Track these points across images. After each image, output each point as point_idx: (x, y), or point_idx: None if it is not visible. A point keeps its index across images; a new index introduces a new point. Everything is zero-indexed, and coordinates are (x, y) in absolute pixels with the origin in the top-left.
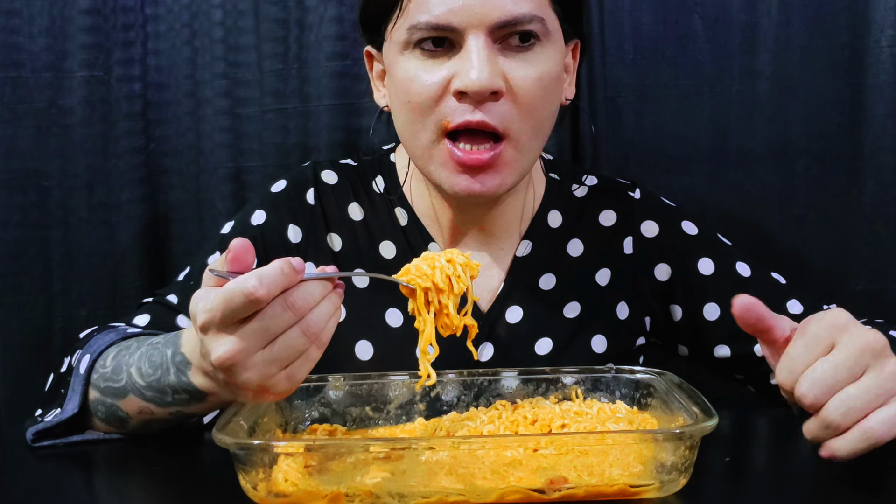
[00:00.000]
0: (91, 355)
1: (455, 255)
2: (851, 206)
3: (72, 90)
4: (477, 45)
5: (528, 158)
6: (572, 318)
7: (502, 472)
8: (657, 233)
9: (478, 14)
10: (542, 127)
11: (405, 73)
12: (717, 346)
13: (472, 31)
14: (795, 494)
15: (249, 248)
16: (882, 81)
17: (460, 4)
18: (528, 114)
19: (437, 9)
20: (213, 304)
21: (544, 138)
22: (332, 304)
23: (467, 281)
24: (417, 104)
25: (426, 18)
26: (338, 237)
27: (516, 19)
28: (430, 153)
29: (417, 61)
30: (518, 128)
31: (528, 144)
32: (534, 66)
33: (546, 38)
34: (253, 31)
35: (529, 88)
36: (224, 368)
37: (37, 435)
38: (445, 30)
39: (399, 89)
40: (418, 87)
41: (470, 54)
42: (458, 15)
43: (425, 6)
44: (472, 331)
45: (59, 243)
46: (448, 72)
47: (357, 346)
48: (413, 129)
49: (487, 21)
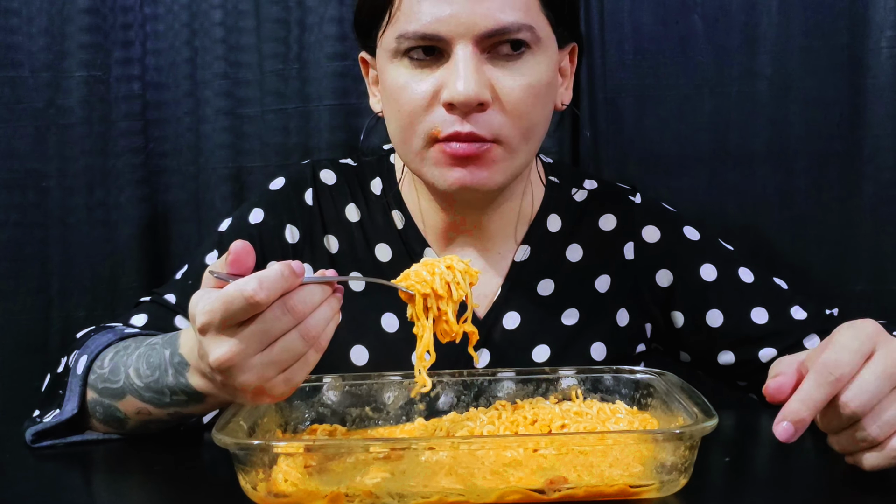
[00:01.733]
0: (88, 356)
1: (455, 261)
2: (851, 207)
3: (70, 90)
4: (464, 55)
5: (518, 160)
6: (571, 325)
7: (502, 473)
8: (658, 238)
9: (465, 24)
10: (534, 132)
11: (395, 81)
12: (720, 352)
13: (459, 41)
14: (795, 494)
15: (250, 250)
16: (882, 82)
17: (447, 14)
18: (518, 120)
19: (424, 17)
20: (213, 305)
21: (537, 142)
22: (331, 308)
23: (466, 288)
24: (407, 112)
25: (414, 27)
26: (335, 239)
27: (504, 28)
28: (422, 156)
29: (406, 70)
30: (508, 133)
31: (518, 147)
32: (523, 75)
33: (536, 46)
34: (254, 32)
35: (518, 97)
36: (222, 370)
37: (36, 435)
38: (433, 39)
39: (389, 97)
40: (407, 96)
41: (457, 65)
42: (445, 24)
43: (413, 15)
44: (472, 338)
45: (58, 243)
46: (436, 81)
47: (352, 351)
48: (404, 135)
49: (475, 31)
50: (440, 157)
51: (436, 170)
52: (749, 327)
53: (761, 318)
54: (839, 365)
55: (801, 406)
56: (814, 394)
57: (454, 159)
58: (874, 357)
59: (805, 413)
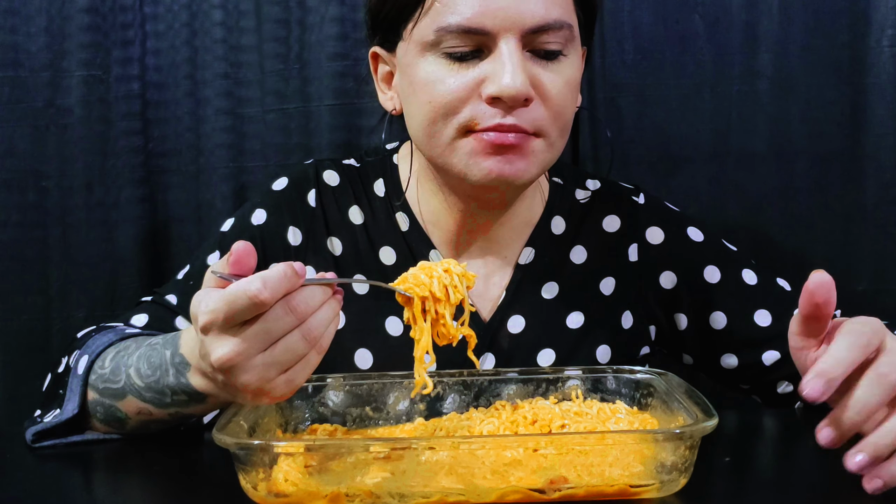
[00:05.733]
0: (89, 356)
1: (452, 265)
2: (852, 206)
3: (70, 89)
4: (509, 49)
5: (552, 154)
6: (575, 329)
7: (502, 472)
8: (662, 240)
9: (511, 17)
10: (567, 128)
11: (427, 75)
12: (724, 355)
13: (504, 35)
14: (795, 494)
15: (251, 251)
16: (883, 81)
17: (495, 7)
18: (557, 116)
19: (467, 10)
20: (216, 305)
21: (566, 139)
22: (332, 309)
23: (463, 291)
24: (440, 105)
25: (457, 20)
26: (338, 241)
27: (548, 24)
28: (453, 147)
29: (441, 63)
30: (549, 127)
31: (556, 142)
32: (561, 72)
33: (571, 45)
34: (254, 32)
35: (559, 93)
36: (224, 370)
37: (37, 435)
38: (477, 33)
39: (419, 90)
40: (443, 89)
41: (503, 59)
42: (490, 17)
43: (454, 6)
44: (470, 341)
45: (58, 244)
46: (477, 75)
47: (357, 354)
48: (433, 129)
49: (520, 25)
50: (476, 145)
51: (469, 160)
52: (753, 330)
53: (765, 320)
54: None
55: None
56: (846, 354)
57: (492, 147)
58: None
59: (839, 370)
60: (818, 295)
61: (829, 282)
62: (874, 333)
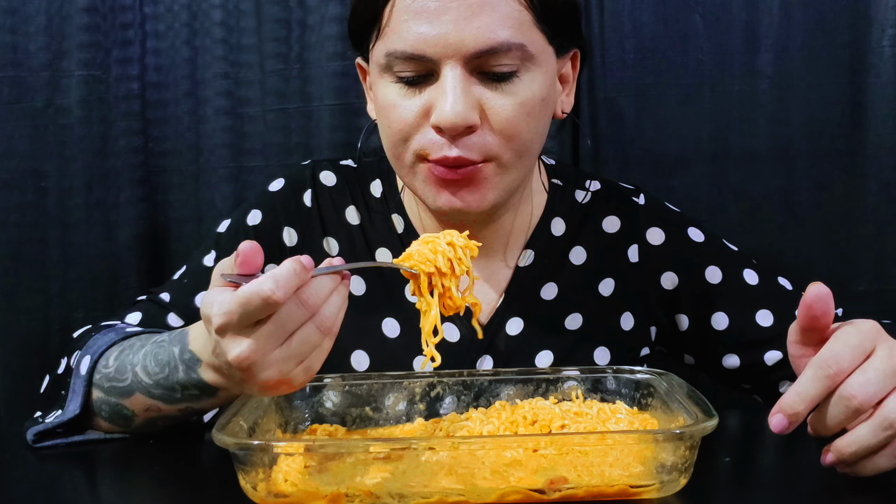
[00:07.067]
0: (92, 356)
1: (455, 237)
2: (853, 206)
3: (70, 89)
4: (452, 76)
5: (512, 176)
6: (574, 330)
7: (502, 473)
8: (663, 240)
9: (452, 45)
10: (528, 149)
11: (384, 97)
12: (725, 355)
13: (447, 62)
14: (795, 494)
15: (258, 249)
16: (883, 81)
17: (434, 34)
18: (509, 140)
19: (410, 36)
20: (230, 307)
21: (533, 157)
22: (341, 296)
23: (468, 262)
24: (397, 130)
25: (401, 46)
26: (335, 241)
27: (493, 48)
28: (413, 171)
29: (396, 87)
30: (500, 152)
31: (512, 164)
32: (514, 94)
33: (529, 63)
34: (254, 32)
35: (509, 118)
36: (243, 368)
37: (38, 436)
38: (420, 60)
39: (380, 112)
40: (396, 116)
41: (445, 86)
42: (431, 45)
43: (400, 33)
44: (475, 310)
45: (57, 244)
46: (425, 101)
47: (353, 356)
48: (396, 151)
49: (463, 51)
50: (430, 175)
51: (427, 188)
52: (754, 330)
53: (766, 320)
54: (838, 360)
55: (796, 399)
56: (810, 388)
57: (442, 182)
58: (875, 354)
59: (800, 406)
60: (816, 308)
61: (826, 294)
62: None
